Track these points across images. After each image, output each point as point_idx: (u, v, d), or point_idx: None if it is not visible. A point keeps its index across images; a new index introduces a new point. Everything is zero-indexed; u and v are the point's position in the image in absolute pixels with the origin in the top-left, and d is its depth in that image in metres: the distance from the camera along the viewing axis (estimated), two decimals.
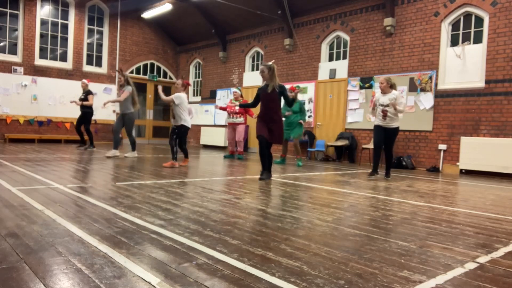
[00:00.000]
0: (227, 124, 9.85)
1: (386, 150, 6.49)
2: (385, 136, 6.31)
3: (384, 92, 6.36)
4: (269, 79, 5.43)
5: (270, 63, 5.51)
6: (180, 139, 7.01)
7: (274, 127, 5.52)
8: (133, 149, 8.39)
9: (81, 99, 10.05)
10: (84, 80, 10.34)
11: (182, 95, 6.94)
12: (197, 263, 2.00)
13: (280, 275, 1.87)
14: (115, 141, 8.24)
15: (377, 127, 6.40)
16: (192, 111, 8.16)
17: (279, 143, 5.68)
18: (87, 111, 10.00)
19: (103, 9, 14.38)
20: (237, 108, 9.12)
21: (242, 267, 1.97)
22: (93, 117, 10.51)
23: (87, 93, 10.06)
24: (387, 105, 6.21)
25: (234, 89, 9.68)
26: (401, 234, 2.80)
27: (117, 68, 8.60)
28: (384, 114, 6.25)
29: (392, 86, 6.36)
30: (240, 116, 9.21)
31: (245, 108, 7.93)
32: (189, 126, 7.01)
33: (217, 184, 4.99)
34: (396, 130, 6.37)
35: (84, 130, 10.11)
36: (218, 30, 13.79)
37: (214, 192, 4.30)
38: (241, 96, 9.69)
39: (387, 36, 9.43)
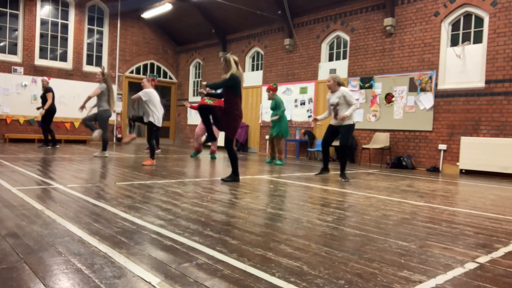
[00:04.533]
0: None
1: (339, 149, 6.36)
2: (338, 135, 6.16)
3: (332, 90, 6.16)
4: (225, 71, 5.25)
5: (228, 54, 5.33)
6: (149, 135, 7.07)
7: (221, 117, 5.26)
8: (104, 148, 8.10)
9: (41, 97, 9.94)
10: (45, 78, 10.12)
11: (150, 91, 6.97)
12: (197, 263, 2.00)
13: (280, 275, 1.87)
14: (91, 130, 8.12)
15: (328, 126, 6.28)
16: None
17: (219, 129, 5.37)
18: (47, 109, 9.82)
19: (103, 9, 14.38)
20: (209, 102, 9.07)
21: (242, 267, 1.97)
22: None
23: (45, 90, 9.87)
24: (337, 104, 6.02)
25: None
26: (401, 234, 2.80)
27: (102, 68, 8.38)
28: (335, 114, 6.08)
29: (340, 84, 6.15)
30: None
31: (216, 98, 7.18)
32: (158, 125, 6.98)
33: (217, 184, 4.99)
34: (348, 127, 6.08)
35: (45, 128, 9.97)
36: (218, 30, 13.79)
37: (214, 192, 4.30)
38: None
39: (387, 36, 9.43)
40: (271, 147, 8.60)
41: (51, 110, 9.91)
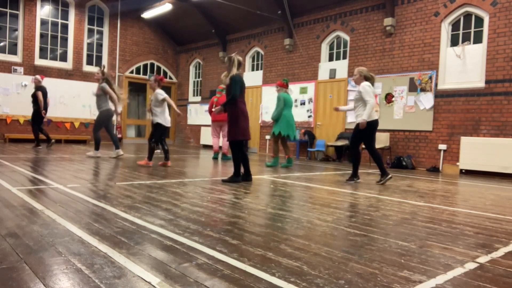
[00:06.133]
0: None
1: (350, 149, 5.98)
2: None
3: (358, 85, 5.71)
4: (229, 71, 5.19)
5: (233, 54, 5.24)
6: (156, 137, 6.87)
7: (228, 123, 5.29)
8: (96, 148, 7.91)
9: (32, 96, 9.68)
10: (37, 77, 9.85)
11: (161, 91, 6.90)
12: (197, 263, 2.00)
13: (280, 275, 1.87)
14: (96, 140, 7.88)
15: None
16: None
17: (233, 139, 5.22)
18: (37, 108, 9.64)
19: (103, 9, 14.38)
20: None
21: (242, 267, 1.97)
22: (94, 117, 10.24)
23: (35, 89, 9.64)
24: (355, 100, 5.66)
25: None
26: (401, 234, 2.80)
27: (101, 67, 8.09)
28: (354, 109, 5.71)
29: (368, 79, 5.61)
30: None
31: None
32: (168, 125, 6.91)
33: (217, 184, 4.99)
34: (357, 126, 5.62)
35: (32, 127, 9.78)
36: (218, 30, 13.78)
37: (214, 192, 4.30)
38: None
39: (387, 36, 9.43)
40: (275, 147, 7.97)
41: (44, 110, 9.74)
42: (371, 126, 5.57)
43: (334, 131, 10.56)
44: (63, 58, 13.60)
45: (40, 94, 9.62)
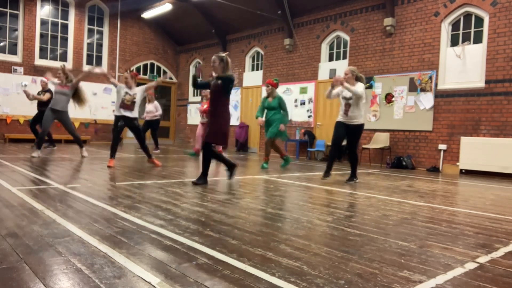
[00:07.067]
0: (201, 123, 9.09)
1: (349, 151, 5.92)
2: (348, 134, 5.76)
3: (350, 84, 5.61)
4: (221, 72, 4.89)
5: (224, 54, 5.02)
6: (141, 134, 6.80)
7: (210, 123, 4.99)
8: (81, 146, 7.93)
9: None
10: (43, 79, 9.77)
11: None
12: (197, 263, 2.00)
13: (280, 275, 1.87)
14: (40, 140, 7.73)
15: (339, 123, 5.78)
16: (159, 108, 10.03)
17: (211, 141, 4.88)
18: (44, 109, 9.32)
19: (103, 9, 14.38)
20: (204, 106, 8.59)
21: (242, 267, 1.97)
22: (94, 117, 10.22)
23: (46, 92, 9.67)
24: (350, 98, 5.56)
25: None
26: (401, 234, 2.80)
27: (62, 66, 8.17)
28: (347, 110, 5.64)
29: (358, 79, 5.65)
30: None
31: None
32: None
33: (217, 184, 4.98)
34: (360, 127, 5.70)
35: (38, 128, 9.62)
36: (218, 30, 13.78)
37: (214, 192, 4.30)
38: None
39: (387, 36, 9.43)
40: (275, 148, 7.73)
41: (44, 111, 9.75)
42: (362, 128, 5.85)
43: None
44: (63, 58, 13.60)
45: (48, 95, 9.68)
